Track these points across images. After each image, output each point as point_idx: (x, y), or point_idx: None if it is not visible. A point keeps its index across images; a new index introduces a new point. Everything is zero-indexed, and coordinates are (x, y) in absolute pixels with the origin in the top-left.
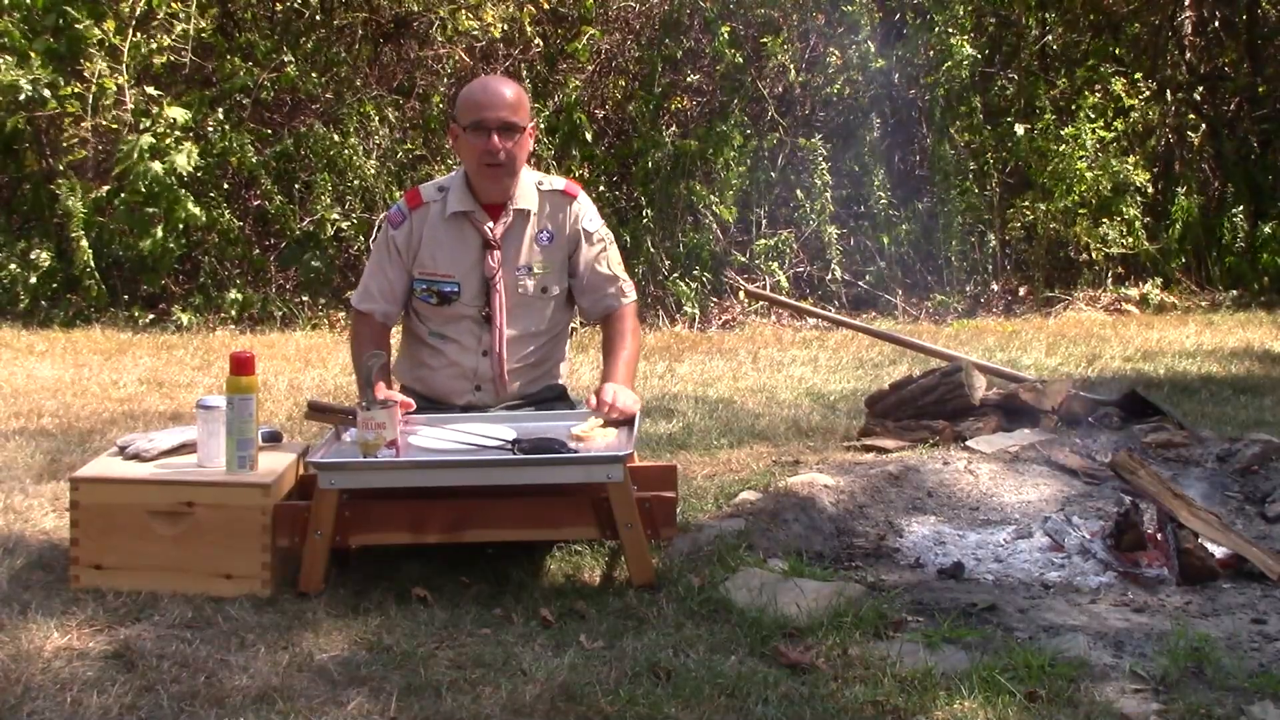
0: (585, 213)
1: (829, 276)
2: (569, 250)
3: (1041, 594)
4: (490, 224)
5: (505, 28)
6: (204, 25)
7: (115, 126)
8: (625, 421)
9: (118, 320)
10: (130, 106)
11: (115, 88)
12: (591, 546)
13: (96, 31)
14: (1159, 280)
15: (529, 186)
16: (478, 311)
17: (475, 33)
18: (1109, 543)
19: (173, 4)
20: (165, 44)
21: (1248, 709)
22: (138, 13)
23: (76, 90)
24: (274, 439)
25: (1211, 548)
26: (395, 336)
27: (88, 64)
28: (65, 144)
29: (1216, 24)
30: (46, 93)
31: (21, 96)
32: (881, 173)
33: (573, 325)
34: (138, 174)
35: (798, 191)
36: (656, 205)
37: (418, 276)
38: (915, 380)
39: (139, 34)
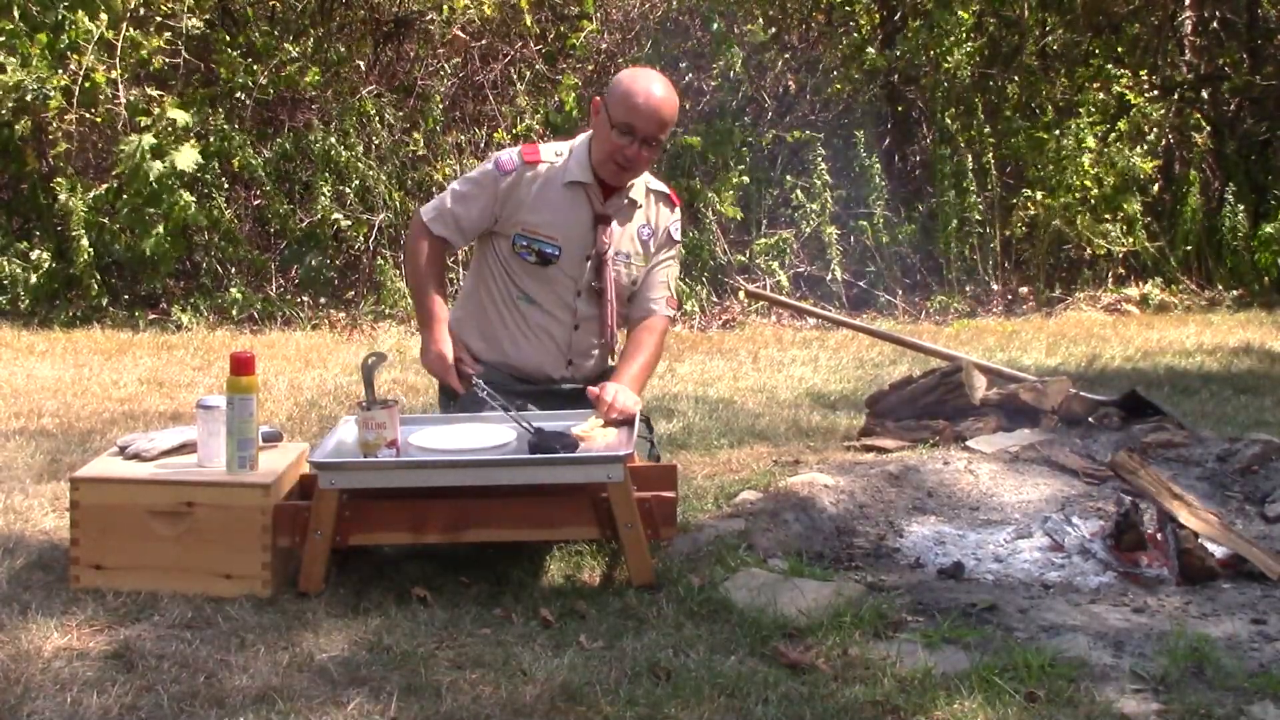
0: (678, 223)
1: (829, 276)
2: (659, 251)
3: (1041, 594)
4: (602, 200)
5: (500, 14)
6: (197, 23)
7: (99, 120)
8: (625, 421)
9: (118, 320)
10: (123, 102)
11: (106, 81)
12: (591, 546)
13: (90, 26)
14: (1159, 280)
15: (640, 180)
16: (575, 282)
17: (471, 12)
18: (1109, 543)
19: (167, 2)
20: (159, 43)
21: (1248, 709)
22: (131, 5)
23: (63, 83)
24: (274, 439)
25: (1211, 548)
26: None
27: (76, 56)
28: (49, 136)
29: (1216, 24)
30: (49, 91)
31: (29, 97)
32: (881, 172)
33: None
34: (139, 174)
35: (798, 191)
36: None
37: (520, 233)
38: (915, 380)
39: (134, 29)
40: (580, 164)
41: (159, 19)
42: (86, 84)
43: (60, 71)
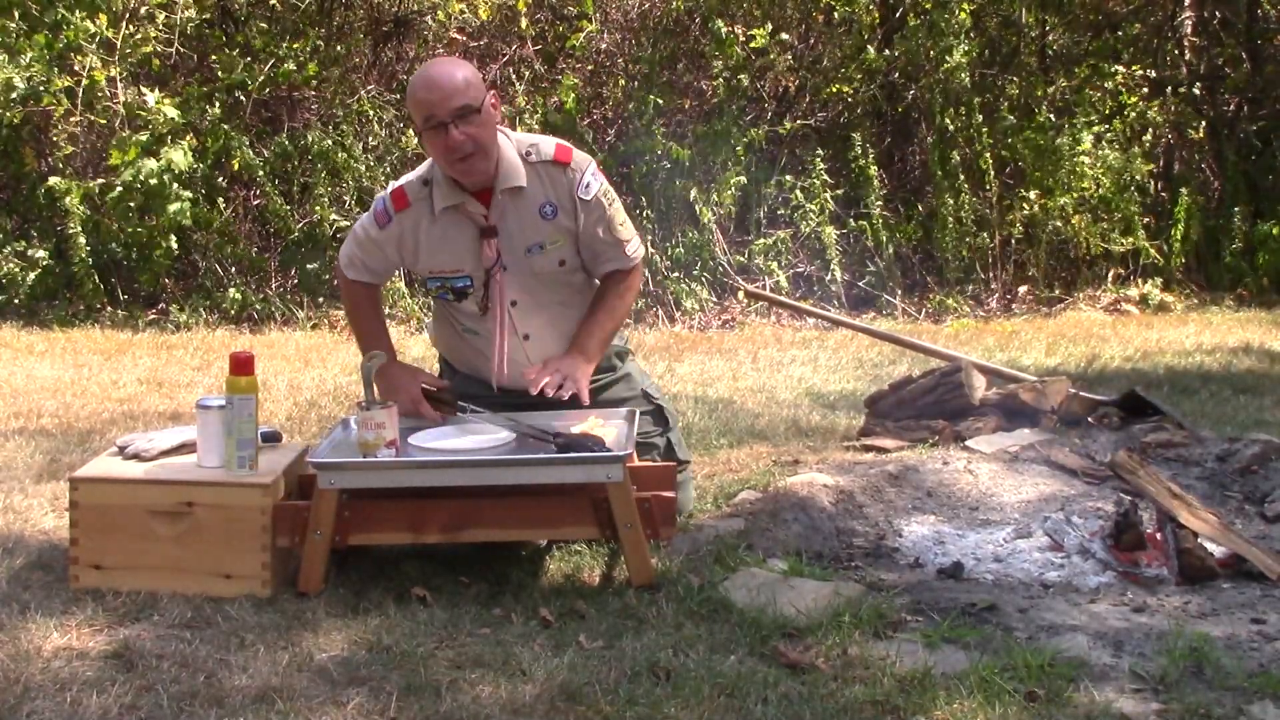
0: (581, 180)
1: (828, 276)
2: (574, 220)
3: (1041, 594)
4: (484, 211)
5: (495, 17)
6: (192, 16)
7: (103, 120)
8: (626, 421)
9: (117, 320)
10: (122, 101)
11: (105, 79)
12: (591, 546)
13: (90, 25)
14: (1159, 280)
15: (512, 160)
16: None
17: (466, 17)
18: (1109, 543)
19: None
20: (155, 35)
21: (1247, 709)
22: (130, 4)
23: (66, 85)
24: (274, 439)
25: (1211, 548)
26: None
27: (79, 58)
28: (54, 138)
29: (1216, 23)
30: (44, 92)
31: (14, 95)
32: (881, 172)
33: None
34: (133, 172)
35: (797, 191)
36: (656, 205)
37: (429, 276)
38: (915, 380)
39: (131, 26)
40: (444, 188)
41: (154, 9)
42: (87, 81)
43: (60, 73)
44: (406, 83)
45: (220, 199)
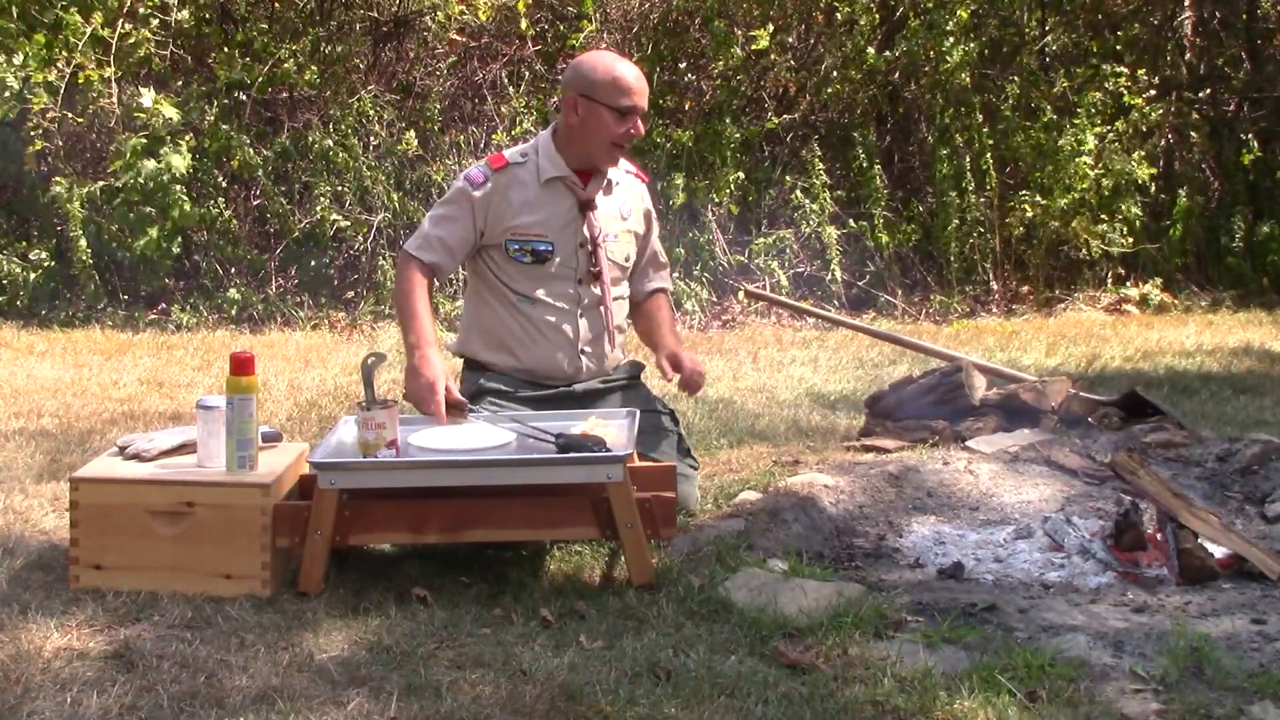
0: (648, 197)
1: (829, 276)
2: (640, 228)
3: (1041, 594)
4: (583, 187)
5: (495, 17)
6: (186, 17)
7: (82, 121)
8: (626, 421)
9: (117, 320)
10: (116, 101)
11: (99, 79)
12: (591, 546)
13: (80, 21)
14: (1159, 280)
15: None
16: (573, 272)
17: (466, 17)
18: (1109, 543)
19: None
20: (149, 37)
21: (1247, 709)
22: (127, 3)
23: (49, 79)
24: (274, 439)
25: (1211, 548)
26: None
27: (64, 53)
28: (34, 133)
29: (1216, 24)
30: (35, 88)
31: (7, 94)
32: (881, 172)
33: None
34: (133, 172)
35: (797, 191)
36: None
37: (510, 238)
38: (915, 380)
39: (127, 26)
40: (551, 159)
41: (148, 12)
42: (80, 80)
43: (49, 68)
44: (406, 82)
45: (220, 199)
